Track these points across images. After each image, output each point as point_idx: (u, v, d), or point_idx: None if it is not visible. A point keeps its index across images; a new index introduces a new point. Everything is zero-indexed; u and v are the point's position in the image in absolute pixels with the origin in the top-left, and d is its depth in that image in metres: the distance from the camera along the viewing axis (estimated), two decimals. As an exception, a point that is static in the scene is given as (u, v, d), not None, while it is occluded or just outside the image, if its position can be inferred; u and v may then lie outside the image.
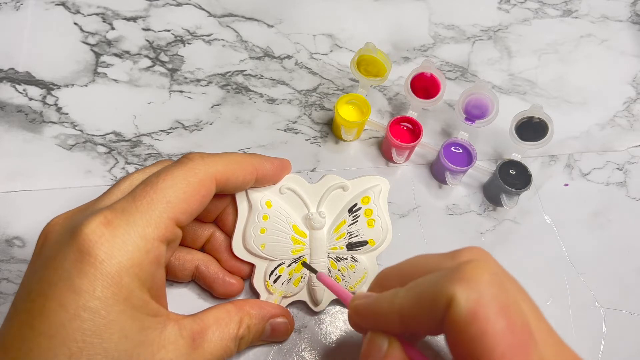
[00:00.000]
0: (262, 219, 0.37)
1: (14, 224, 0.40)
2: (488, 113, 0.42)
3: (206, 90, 0.47)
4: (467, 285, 0.22)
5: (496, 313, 0.22)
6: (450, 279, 0.23)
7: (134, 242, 0.27)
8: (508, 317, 0.22)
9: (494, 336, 0.22)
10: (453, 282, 0.23)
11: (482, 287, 0.22)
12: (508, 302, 0.23)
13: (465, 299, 0.22)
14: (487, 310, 0.22)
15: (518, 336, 0.22)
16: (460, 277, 0.23)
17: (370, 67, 0.43)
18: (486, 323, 0.22)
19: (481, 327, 0.22)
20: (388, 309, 0.26)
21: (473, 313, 0.22)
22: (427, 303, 0.24)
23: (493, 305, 0.22)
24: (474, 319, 0.22)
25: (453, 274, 0.23)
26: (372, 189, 0.39)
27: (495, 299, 0.22)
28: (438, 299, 0.23)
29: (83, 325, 0.24)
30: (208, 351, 0.30)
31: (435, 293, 0.23)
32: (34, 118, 0.45)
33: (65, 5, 0.50)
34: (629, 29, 0.55)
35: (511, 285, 0.25)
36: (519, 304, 0.24)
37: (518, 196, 0.43)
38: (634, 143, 0.49)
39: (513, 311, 0.23)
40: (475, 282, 0.22)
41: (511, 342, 0.22)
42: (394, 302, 0.25)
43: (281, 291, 0.38)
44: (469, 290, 0.22)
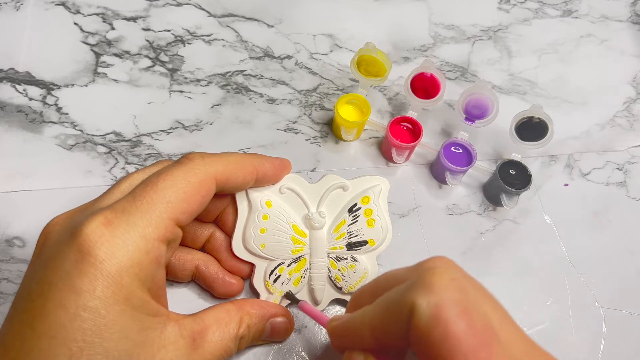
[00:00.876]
0: (262, 219, 0.37)
1: (14, 224, 0.40)
2: (488, 113, 0.42)
3: (206, 90, 0.47)
4: (427, 291, 0.23)
5: (457, 315, 0.23)
6: (412, 287, 0.24)
7: (134, 242, 0.27)
8: (469, 319, 0.23)
9: (456, 338, 0.22)
10: (414, 290, 0.24)
11: (442, 291, 0.23)
12: (468, 304, 0.23)
13: (426, 305, 0.23)
14: (448, 313, 0.23)
15: (480, 336, 0.23)
16: (420, 285, 0.24)
17: (370, 67, 0.43)
18: (447, 325, 0.22)
19: (443, 330, 0.22)
20: (360, 325, 0.27)
21: (434, 317, 0.23)
22: (393, 314, 0.24)
23: (453, 308, 0.23)
24: (436, 323, 0.22)
25: (414, 283, 0.24)
26: (372, 189, 0.39)
27: (455, 302, 0.23)
28: (402, 308, 0.24)
29: (83, 325, 0.24)
30: (208, 351, 0.30)
31: (399, 303, 0.24)
32: (34, 118, 0.45)
33: (65, 5, 0.50)
34: (629, 29, 0.55)
35: (472, 288, 0.25)
36: (481, 305, 0.24)
37: (518, 196, 0.43)
38: (634, 143, 0.49)
39: (474, 313, 0.23)
40: (435, 288, 0.23)
41: (473, 342, 0.22)
42: (364, 318, 0.26)
43: (281, 291, 0.38)
44: (429, 295, 0.23)
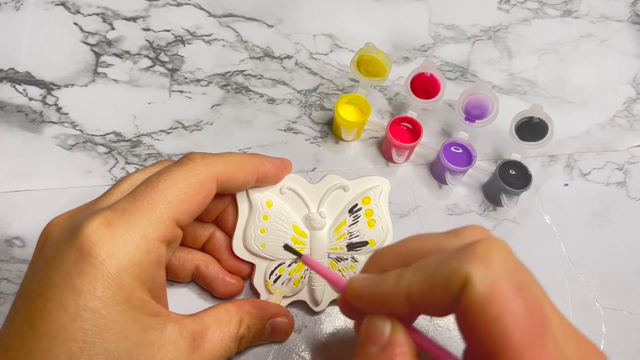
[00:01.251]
0: (262, 219, 0.37)
1: (14, 224, 0.40)
2: (488, 113, 0.42)
3: (206, 90, 0.47)
4: (482, 264, 0.21)
5: (514, 294, 0.21)
6: (464, 258, 0.22)
7: (135, 243, 0.27)
8: (525, 299, 0.21)
9: (512, 318, 0.21)
10: (467, 262, 0.21)
11: (499, 266, 0.21)
12: (524, 282, 0.22)
13: (482, 279, 0.21)
14: (505, 291, 0.21)
15: (536, 318, 0.21)
16: (474, 256, 0.22)
17: (370, 67, 0.43)
18: (504, 304, 0.21)
19: (499, 309, 0.21)
20: (393, 290, 0.24)
21: (490, 293, 0.21)
22: (439, 283, 0.22)
23: (510, 285, 0.21)
24: (491, 300, 0.21)
25: (466, 253, 0.22)
26: (372, 190, 0.39)
27: (512, 279, 0.21)
28: (451, 279, 0.22)
29: (84, 325, 0.24)
30: (208, 351, 0.30)
31: (448, 273, 0.22)
32: (34, 118, 0.45)
33: (65, 5, 0.50)
34: (629, 29, 0.55)
35: (523, 267, 0.23)
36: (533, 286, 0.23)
37: (518, 196, 0.43)
38: (634, 143, 0.49)
39: (530, 292, 0.22)
40: (491, 262, 0.21)
41: (529, 324, 0.21)
42: (400, 283, 0.24)
43: (281, 291, 0.38)
44: (484, 269, 0.21)
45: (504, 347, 0.20)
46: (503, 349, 0.20)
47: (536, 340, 0.21)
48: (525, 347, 0.20)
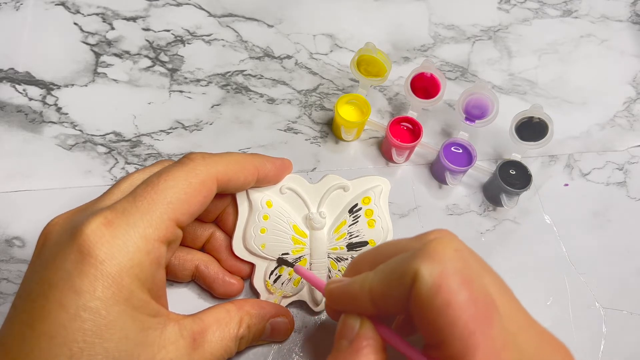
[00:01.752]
0: (262, 219, 0.37)
1: (13, 224, 0.40)
2: (488, 113, 0.42)
3: (206, 90, 0.47)
4: (430, 260, 0.23)
5: (459, 285, 0.23)
6: (415, 256, 0.24)
7: (135, 243, 0.27)
8: (470, 289, 0.23)
9: (458, 307, 0.22)
10: (417, 259, 0.24)
11: (445, 261, 0.23)
12: (470, 275, 0.24)
13: (429, 273, 0.23)
14: (450, 283, 0.23)
15: (481, 307, 0.23)
16: (424, 254, 0.24)
17: (370, 67, 0.43)
18: (449, 294, 0.23)
19: (445, 299, 0.23)
20: (359, 290, 0.27)
21: (437, 285, 0.23)
22: (395, 281, 0.25)
23: (456, 277, 0.23)
24: (438, 291, 0.23)
25: (418, 252, 0.24)
26: (372, 190, 0.39)
27: (457, 272, 0.23)
28: (404, 275, 0.24)
29: (84, 325, 0.24)
30: (208, 351, 0.30)
31: (401, 270, 0.24)
32: (33, 118, 0.45)
33: (65, 5, 0.50)
34: (629, 29, 0.55)
35: (474, 260, 0.25)
36: (482, 277, 0.25)
37: (518, 196, 0.43)
38: (634, 143, 0.49)
39: (475, 284, 0.23)
40: (439, 257, 0.24)
41: (474, 312, 0.22)
42: (365, 284, 0.26)
43: (281, 291, 0.38)
44: (432, 264, 0.23)
45: (451, 334, 0.22)
46: (450, 335, 0.22)
47: (481, 327, 0.22)
48: (470, 333, 0.22)
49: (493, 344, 0.22)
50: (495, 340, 0.22)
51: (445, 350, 0.23)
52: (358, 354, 0.26)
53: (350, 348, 0.26)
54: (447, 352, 0.23)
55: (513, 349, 0.23)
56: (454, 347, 0.22)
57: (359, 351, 0.26)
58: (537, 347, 0.25)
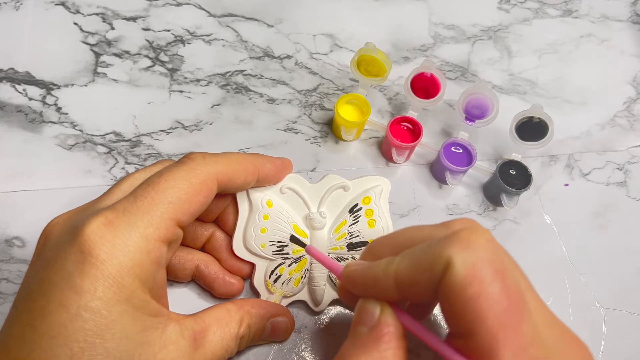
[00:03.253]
0: (262, 219, 0.37)
1: (13, 224, 0.40)
2: (488, 113, 0.42)
3: (206, 90, 0.47)
4: (464, 249, 0.23)
5: (492, 276, 0.22)
6: (447, 243, 0.23)
7: (135, 243, 0.26)
8: (503, 282, 0.22)
9: (489, 299, 0.22)
10: (450, 246, 0.23)
11: (479, 251, 0.23)
12: (503, 267, 0.23)
13: (462, 262, 0.22)
14: (483, 274, 0.22)
15: (512, 301, 0.22)
16: (457, 242, 0.23)
17: (370, 67, 0.43)
18: (482, 286, 0.22)
19: (477, 290, 0.22)
20: (383, 275, 0.26)
21: (470, 276, 0.22)
22: (424, 267, 0.24)
23: (489, 268, 0.22)
24: (471, 282, 0.22)
25: (450, 239, 0.24)
26: (373, 189, 0.39)
27: (491, 263, 0.23)
28: (435, 262, 0.23)
29: (84, 325, 0.24)
30: (209, 351, 0.30)
31: (432, 257, 0.23)
32: (33, 118, 0.45)
33: (65, 5, 0.50)
34: (629, 29, 0.55)
35: (505, 254, 0.25)
36: (513, 271, 0.24)
37: (518, 196, 0.43)
38: (634, 143, 0.49)
39: (508, 276, 0.23)
40: (472, 247, 0.23)
41: (506, 305, 0.22)
42: (390, 268, 0.25)
43: (281, 291, 0.38)
44: (465, 253, 0.23)
45: (480, 326, 0.22)
46: (479, 328, 0.22)
47: (511, 321, 0.22)
48: (500, 326, 0.22)
49: (522, 338, 0.22)
50: (524, 335, 0.22)
51: (472, 341, 0.22)
52: (379, 342, 0.25)
53: (370, 335, 0.26)
54: (474, 343, 0.22)
55: (540, 345, 0.23)
56: (482, 339, 0.22)
57: (380, 339, 0.25)
58: (561, 344, 0.25)
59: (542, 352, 0.23)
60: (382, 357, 0.25)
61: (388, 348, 0.25)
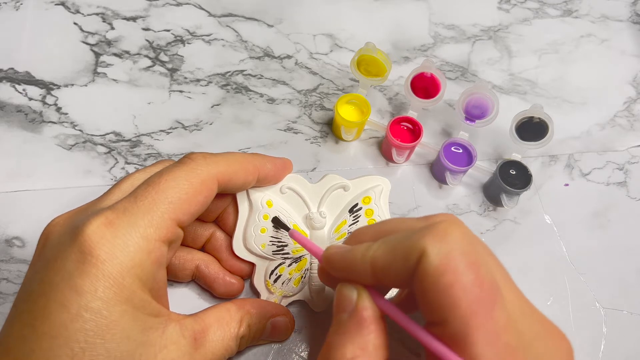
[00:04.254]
0: (262, 219, 0.37)
1: (13, 224, 0.40)
2: (488, 113, 0.42)
3: (206, 90, 0.47)
4: (439, 239, 0.24)
5: (465, 266, 0.23)
6: (424, 234, 0.24)
7: (136, 243, 0.26)
8: (476, 272, 0.23)
9: (462, 288, 0.23)
10: (426, 237, 0.24)
11: (453, 242, 0.24)
12: (477, 258, 0.24)
13: (437, 252, 0.23)
14: (457, 264, 0.23)
15: (485, 290, 0.23)
16: (433, 233, 0.24)
17: (370, 67, 0.43)
18: (455, 275, 0.23)
19: (450, 279, 0.23)
20: (361, 259, 0.26)
21: (443, 265, 0.23)
22: (400, 255, 0.25)
23: (463, 259, 0.23)
24: (444, 271, 0.23)
25: (426, 230, 0.24)
26: (373, 189, 0.39)
27: (465, 254, 0.23)
28: (411, 251, 0.24)
29: (85, 325, 0.24)
30: (210, 350, 0.30)
31: (408, 246, 0.24)
32: (33, 118, 0.45)
33: (65, 5, 0.50)
34: (629, 29, 0.55)
35: (480, 246, 0.26)
36: (488, 262, 0.25)
37: (518, 196, 0.43)
38: (634, 143, 0.49)
39: (481, 267, 0.24)
40: (447, 238, 0.24)
41: (478, 294, 0.23)
42: (367, 253, 0.26)
43: (281, 291, 0.38)
44: (440, 244, 0.24)
45: (453, 314, 0.23)
46: (452, 315, 0.23)
47: (484, 309, 0.23)
48: (473, 314, 0.22)
49: (495, 326, 0.23)
50: (497, 323, 0.23)
51: (446, 329, 0.23)
52: (360, 327, 0.26)
53: (351, 321, 0.26)
54: (448, 330, 0.23)
55: (513, 333, 0.23)
56: (455, 326, 0.23)
57: (360, 323, 0.26)
58: (538, 334, 0.25)
59: (516, 340, 0.23)
60: (365, 342, 0.25)
61: (369, 332, 0.26)
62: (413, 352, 0.37)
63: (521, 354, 0.23)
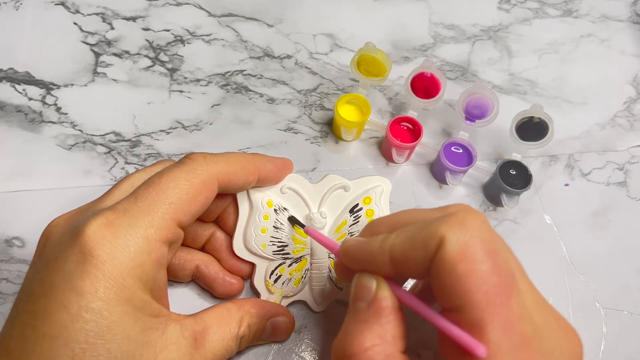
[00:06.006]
0: (263, 219, 0.37)
1: (13, 224, 0.40)
2: (488, 113, 0.42)
3: (206, 90, 0.47)
4: (458, 227, 0.24)
5: (484, 254, 0.23)
6: (442, 222, 0.24)
7: (136, 243, 0.26)
8: (494, 260, 0.23)
9: (480, 275, 0.23)
10: (445, 225, 0.24)
11: (472, 230, 0.24)
12: (495, 247, 0.24)
13: (456, 240, 0.23)
14: (475, 251, 0.23)
15: (502, 278, 0.23)
16: (452, 221, 0.24)
17: (370, 67, 0.43)
18: (473, 263, 0.23)
19: (468, 266, 0.23)
20: (379, 249, 0.26)
21: (462, 252, 0.23)
22: (419, 244, 0.25)
23: (481, 247, 0.23)
24: (462, 258, 0.23)
25: (445, 219, 0.24)
26: (373, 190, 0.39)
27: (484, 242, 0.24)
28: (429, 239, 0.24)
29: (86, 326, 0.24)
30: (210, 351, 0.30)
31: (427, 234, 0.24)
32: (33, 118, 0.44)
33: (64, 5, 0.50)
34: (629, 29, 0.55)
35: (497, 236, 0.26)
36: (505, 252, 0.25)
37: (518, 196, 0.43)
38: (635, 143, 0.49)
39: (499, 256, 0.24)
40: (466, 226, 0.24)
41: (495, 282, 0.23)
42: (385, 244, 0.26)
43: (281, 291, 0.38)
44: (459, 232, 0.24)
45: (470, 301, 0.23)
46: (469, 303, 0.23)
47: (500, 297, 0.23)
48: (489, 301, 0.23)
49: (510, 314, 0.23)
50: (512, 312, 0.23)
51: (462, 315, 0.23)
52: (379, 316, 0.26)
53: (369, 310, 0.26)
54: (464, 317, 0.23)
55: (528, 323, 0.23)
56: (471, 314, 0.23)
57: (379, 312, 0.26)
58: (550, 325, 0.25)
59: (530, 329, 0.23)
60: (384, 331, 0.25)
61: (388, 322, 0.26)
62: (413, 352, 0.37)
63: (534, 343, 0.23)
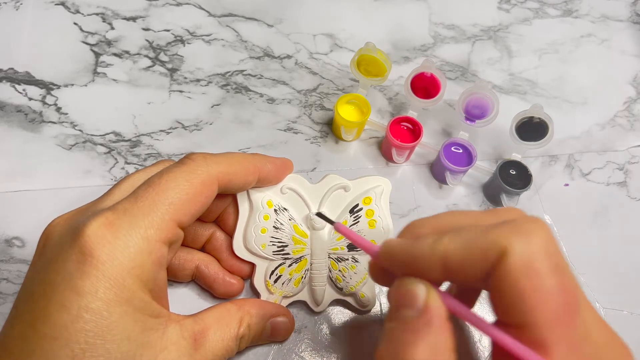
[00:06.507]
0: (263, 219, 0.37)
1: (13, 224, 0.40)
2: (488, 113, 0.42)
3: (206, 90, 0.47)
4: (523, 239, 0.22)
5: (550, 270, 0.22)
6: (505, 231, 0.22)
7: (136, 244, 0.26)
8: (561, 277, 0.22)
9: (547, 292, 0.21)
10: (509, 234, 0.22)
11: (538, 243, 0.22)
12: (562, 262, 0.22)
13: (520, 252, 0.22)
14: (542, 266, 0.21)
15: (569, 297, 0.22)
16: (515, 231, 0.22)
17: (370, 67, 0.43)
18: (539, 278, 0.21)
19: (533, 282, 0.21)
20: (429, 253, 0.24)
21: (527, 266, 0.21)
22: (477, 251, 0.23)
23: (547, 262, 0.22)
24: (527, 273, 0.21)
25: (507, 227, 0.23)
26: (373, 190, 0.38)
27: (550, 256, 0.22)
28: (490, 248, 0.22)
29: (85, 326, 0.24)
30: (210, 351, 0.30)
31: (487, 242, 0.22)
32: (33, 118, 0.44)
33: (65, 5, 0.50)
34: (629, 29, 0.55)
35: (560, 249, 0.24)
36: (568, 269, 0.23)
37: (518, 196, 0.43)
38: (635, 143, 0.49)
39: (566, 272, 0.22)
40: (532, 238, 0.22)
41: (562, 301, 0.21)
42: (437, 247, 0.24)
43: (281, 291, 0.38)
44: (524, 243, 0.22)
45: (535, 319, 0.21)
46: (533, 321, 0.21)
47: (566, 317, 0.21)
48: (557, 322, 0.21)
49: (576, 336, 0.22)
50: (578, 333, 0.22)
51: (525, 332, 0.22)
52: (431, 326, 0.23)
53: (421, 319, 0.24)
54: (528, 335, 0.22)
55: (591, 344, 0.22)
56: (536, 333, 0.21)
57: (431, 322, 0.23)
58: (607, 343, 0.24)
59: (592, 350, 0.22)
60: (437, 342, 0.23)
61: (442, 332, 0.23)
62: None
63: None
